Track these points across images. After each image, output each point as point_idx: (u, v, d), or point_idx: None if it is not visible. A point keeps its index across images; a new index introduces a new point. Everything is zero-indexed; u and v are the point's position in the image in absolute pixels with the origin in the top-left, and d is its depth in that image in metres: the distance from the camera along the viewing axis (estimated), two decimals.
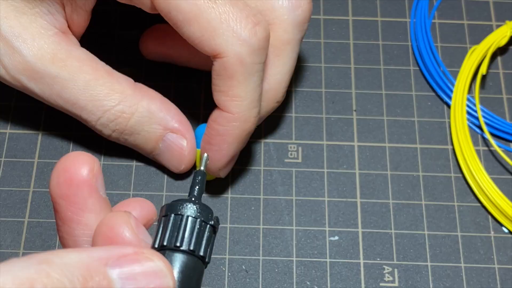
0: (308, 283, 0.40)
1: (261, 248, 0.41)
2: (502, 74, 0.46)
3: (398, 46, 0.47)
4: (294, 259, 0.40)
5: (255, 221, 0.41)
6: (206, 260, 0.29)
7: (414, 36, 0.47)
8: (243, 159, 0.43)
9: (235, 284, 0.39)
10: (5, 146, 0.43)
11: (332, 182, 0.43)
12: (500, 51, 0.47)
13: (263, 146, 0.43)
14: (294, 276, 0.40)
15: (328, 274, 0.40)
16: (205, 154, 0.33)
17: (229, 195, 0.42)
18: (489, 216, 0.42)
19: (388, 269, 0.40)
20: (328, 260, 0.40)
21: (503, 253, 0.41)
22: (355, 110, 0.45)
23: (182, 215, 0.29)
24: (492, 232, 0.41)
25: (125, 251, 0.25)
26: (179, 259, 0.28)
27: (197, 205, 0.29)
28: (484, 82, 0.46)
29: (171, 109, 0.40)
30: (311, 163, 0.43)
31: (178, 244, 0.28)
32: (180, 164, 0.41)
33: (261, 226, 0.41)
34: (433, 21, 0.48)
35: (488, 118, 0.44)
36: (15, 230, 0.40)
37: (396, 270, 0.40)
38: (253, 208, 0.42)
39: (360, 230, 0.41)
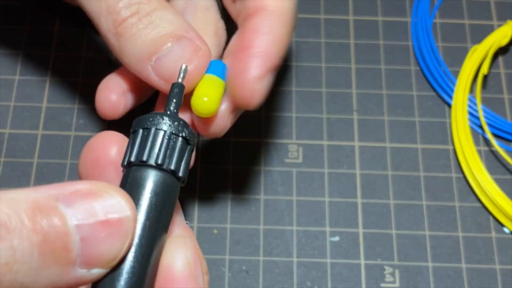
0: (308, 283, 0.40)
1: (261, 248, 0.40)
2: (503, 74, 0.46)
3: (399, 46, 0.47)
4: (295, 259, 0.40)
5: (255, 222, 0.41)
6: (180, 175, 0.26)
7: (415, 35, 0.47)
8: (244, 159, 0.43)
9: (236, 285, 0.39)
10: (4, 146, 0.43)
11: (332, 182, 0.42)
12: (501, 51, 0.47)
13: (264, 146, 0.43)
14: (295, 277, 0.40)
15: (329, 275, 0.40)
16: (183, 65, 0.30)
17: (229, 195, 0.42)
18: (490, 217, 0.42)
19: (389, 269, 0.40)
20: (328, 260, 0.40)
21: (504, 253, 0.41)
22: (355, 110, 0.45)
23: (149, 129, 0.26)
24: (493, 233, 0.41)
25: (79, 186, 0.23)
26: (147, 175, 0.25)
27: (167, 118, 0.27)
28: (485, 82, 0.46)
29: (194, 28, 0.36)
30: (312, 163, 0.43)
31: (144, 159, 0.26)
32: (190, 61, 0.34)
33: (262, 227, 0.41)
34: (434, 20, 0.48)
35: (490, 118, 0.44)
36: None
37: (397, 270, 0.40)
38: (253, 208, 0.42)
39: (360, 230, 0.41)
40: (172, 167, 0.26)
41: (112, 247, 0.23)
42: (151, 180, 0.26)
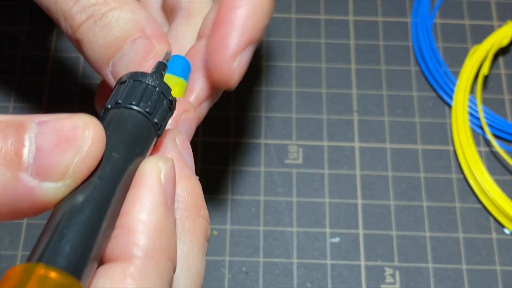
0: (308, 285, 0.40)
1: (261, 250, 0.40)
2: (503, 75, 0.46)
3: (399, 46, 0.47)
4: (295, 260, 0.40)
5: (255, 223, 0.41)
6: (158, 132, 0.27)
7: (415, 36, 0.47)
8: (244, 160, 0.43)
9: (236, 286, 0.39)
10: None
11: (332, 183, 0.42)
12: (501, 51, 0.47)
13: (264, 147, 0.43)
14: (295, 278, 0.40)
15: (329, 276, 0.40)
16: (167, 52, 0.31)
17: (229, 196, 0.42)
18: (491, 218, 0.42)
19: (389, 270, 0.40)
20: (329, 261, 0.40)
21: (504, 254, 0.41)
22: (356, 111, 0.45)
23: (141, 81, 0.27)
24: (494, 234, 0.41)
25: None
26: (133, 115, 0.26)
27: (159, 78, 0.28)
28: (485, 82, 0.46)
29: (156, 24, 0.35)
30: (312, 164, 0.43)
31: (134, 103, 0.26)
32: (142, 65, 0.33)
33: (262, 228, 0.41)
34: (434, 21, 0.48)
35: (490, 118, 0.44)
36: (13, 232, 0.40)
37: (397, 271, 0.40)
38: (253, 209, 0.41)
39: (361, 231, 0.41)
40: (156, 120, 0.27)
41: (62, 159, 0.23)
42: (137, 121, 0.26)
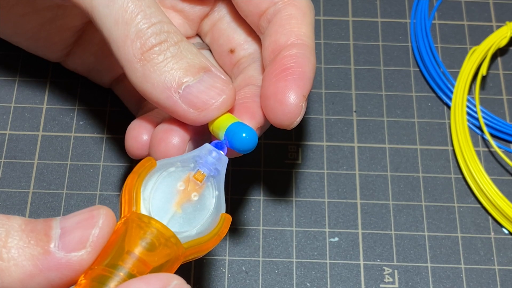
0: (308, 284, 0.40)
1: (261, 249, 0.40)
2: (502, 75, 0.46)
3: (398, 47, 0.47)
4: (294, 260, 0.40)
5: (255, 222, 0.41)
6: None
7: (414, 37, 0.47)
8: (243, 160, 0.43)
9: (235, 285, 0.39)
10: (5, 147, 0.43)
11: (332, 183, 0.43)
12: (500, 52, 0.47)
13: (263, 147, 0.43)
14: (294, 277, 0.40)
15: (328, 275, 0.40)
16: None
17: (229, 196, 0.42)
18: (489, 217, 0.42)
19: (388, 270, 0.40)
20: (328, 261, 0.40)
21: (503, 254, 0.41)
22: (355, 111, 0.45)
23: None
24: (492, 233, 0.41)
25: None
26: None
27: None
28: (484, 83, 0.46)
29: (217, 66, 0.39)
30: (311, 164, 0.43)
31: None
32: (219, 95, 0.35)
33: (261, 227, 0.41)
34: (433, 22, 0.48)
35: (488, 119, 0.44)
36: None
37: (396, 271, 0.40)
38: (253, 209, 0.42)
39: (360, 231, 0.41)
40: None
41: (83, 233, 0.29)
42: None
